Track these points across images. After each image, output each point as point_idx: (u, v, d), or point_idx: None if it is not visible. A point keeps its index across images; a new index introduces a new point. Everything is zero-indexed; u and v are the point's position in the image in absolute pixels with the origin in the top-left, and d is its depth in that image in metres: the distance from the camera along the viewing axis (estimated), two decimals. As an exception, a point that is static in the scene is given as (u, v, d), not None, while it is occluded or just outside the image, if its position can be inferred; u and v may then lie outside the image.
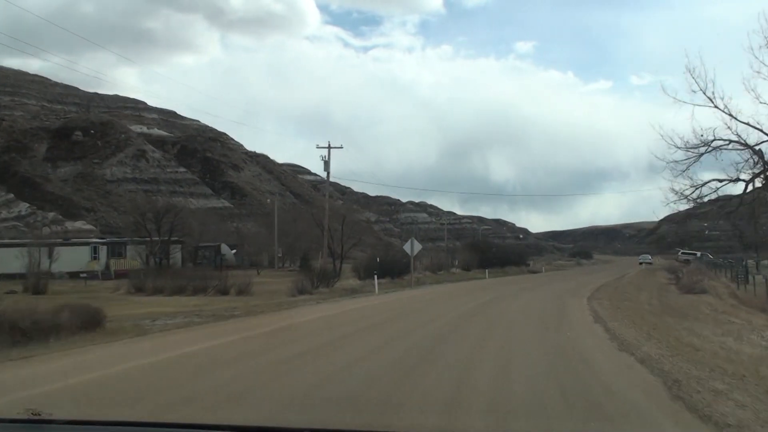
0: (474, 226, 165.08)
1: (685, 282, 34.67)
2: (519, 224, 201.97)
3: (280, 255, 68.95)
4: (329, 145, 45.86)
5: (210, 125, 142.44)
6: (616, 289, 30.87)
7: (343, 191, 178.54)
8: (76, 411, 6.79)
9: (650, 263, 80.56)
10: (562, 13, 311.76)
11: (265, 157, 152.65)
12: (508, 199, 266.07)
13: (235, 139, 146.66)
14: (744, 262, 41.75)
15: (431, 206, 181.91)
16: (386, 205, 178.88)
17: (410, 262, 43.05)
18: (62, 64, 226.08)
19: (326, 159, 45.58)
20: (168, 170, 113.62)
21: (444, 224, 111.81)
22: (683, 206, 30.22)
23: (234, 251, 58.45)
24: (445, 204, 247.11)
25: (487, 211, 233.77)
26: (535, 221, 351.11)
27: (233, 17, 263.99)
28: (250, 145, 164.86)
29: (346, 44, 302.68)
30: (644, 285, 36.99)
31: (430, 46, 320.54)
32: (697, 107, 26.66)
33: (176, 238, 53.38)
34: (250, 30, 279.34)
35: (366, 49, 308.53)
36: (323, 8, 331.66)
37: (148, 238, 50.95)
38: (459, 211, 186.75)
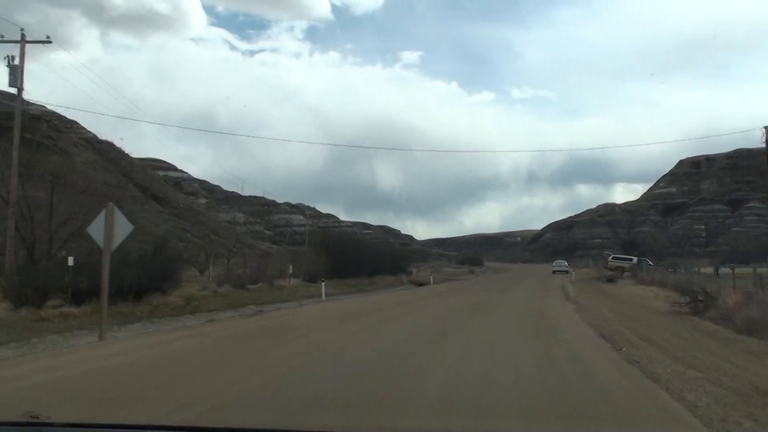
0: (355, 231, 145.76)
1: (755, 317, 14.34)
2: (405, 231, 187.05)
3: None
4: (23, 37, 22.46)
5: (60, 113, 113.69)
6: (643, 351, 9.74)
7: (212, 189, 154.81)
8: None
9: (566, 271, 62.10)
10: (446, 25, 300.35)
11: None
12: (393, 207, 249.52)
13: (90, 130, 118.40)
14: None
15: (309, 208, 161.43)
16: (259, 206, 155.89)
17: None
18: None
19: (14, 63, 22.19)
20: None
21: (309, 224, 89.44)
22: None
23: None
24: (330, 210, 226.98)
25: (373, 219, 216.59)
26: (421, 229, 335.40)
27: (114, 14, 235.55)
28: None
29: (233, 47, 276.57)
30: (661, 325, 16.19)
31: (317, 52, 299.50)
32: None
33: None
34: (132, 28, 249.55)
35: (252, 53, 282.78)
36: (209, 9, 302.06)
37: None
38: (343, 217, 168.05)
